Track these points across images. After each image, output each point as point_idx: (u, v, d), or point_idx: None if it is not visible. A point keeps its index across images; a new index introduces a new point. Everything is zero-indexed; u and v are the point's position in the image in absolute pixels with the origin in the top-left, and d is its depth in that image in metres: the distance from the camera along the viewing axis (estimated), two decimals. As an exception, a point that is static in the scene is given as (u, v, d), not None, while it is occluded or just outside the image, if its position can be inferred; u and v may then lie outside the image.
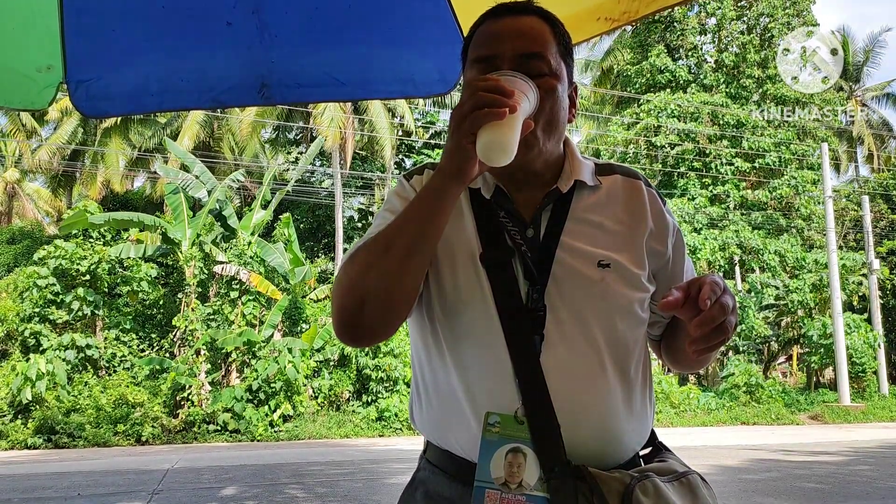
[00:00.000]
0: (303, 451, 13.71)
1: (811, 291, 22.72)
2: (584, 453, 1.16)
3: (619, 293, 1.22)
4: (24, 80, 2.00)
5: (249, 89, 2.02)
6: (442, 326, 1.24)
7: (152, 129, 27.05)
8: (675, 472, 1.20)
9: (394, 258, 1.14)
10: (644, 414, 1.27)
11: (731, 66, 25.07)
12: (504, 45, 1.22)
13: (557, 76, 1.23)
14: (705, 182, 24.07)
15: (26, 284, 17.36)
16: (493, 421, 1.16)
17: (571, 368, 1.18)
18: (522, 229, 1.24)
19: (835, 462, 11.20)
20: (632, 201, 1.29)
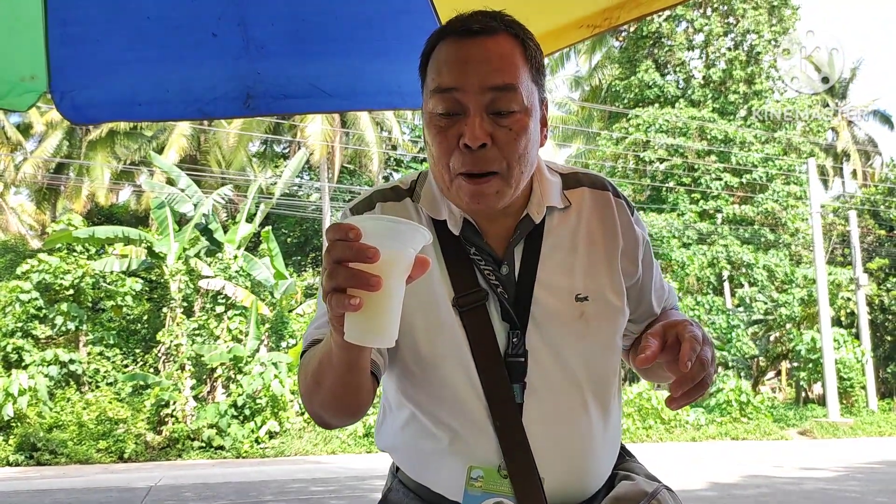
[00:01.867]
0: (288, 467, 13.56)
1: (799, 306, 22.83)
2: (565, 494, 1.16)
3: (599, 328, 1.17)
4: (5, 87, 1.97)
5: (235, 101, 1.98)
6: (417, 379, 1.18)
7: (138, 142, 26.91)
8: (646, 495, 1.17)
9: (327, 394, 1.09)
10: (619, 433, 1.27)
11: (719, 81, 25.29)
12: (469, 77, 1.08)
13: (529, 110, 1.11)
14: (694, 197, 24.19)
15: (9, 299, 17.15)
16: (475, 475, 1.14)
17: (554, 415, 1.15)
18: (496, 267, 1.16)
19: (824, 478, 11.18)
20: (602, 218, 1.22)
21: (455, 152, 1.10)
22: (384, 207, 1.22)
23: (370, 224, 0.87)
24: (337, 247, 0.86)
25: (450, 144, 1.10)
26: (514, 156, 1.10)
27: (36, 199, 28.84)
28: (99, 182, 26.75)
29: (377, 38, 2.03)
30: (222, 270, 17.50)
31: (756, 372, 25.58)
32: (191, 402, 16.56)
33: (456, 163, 1.10)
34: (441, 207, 1.19)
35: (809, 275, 22.99)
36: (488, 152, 1.08)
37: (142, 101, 1.98)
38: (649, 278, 1.28)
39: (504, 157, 1.09)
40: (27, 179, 26.51)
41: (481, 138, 1.07)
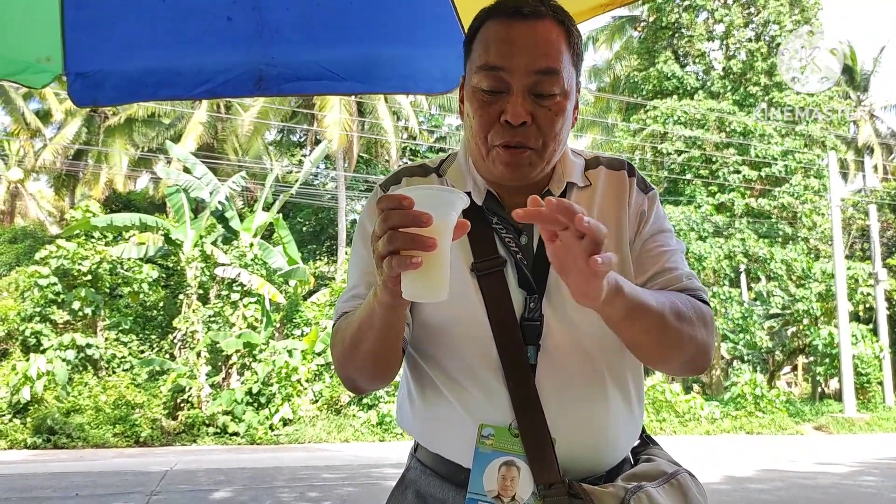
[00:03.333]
0: (301, 454, 13.65)
1: (817, 301, 22.63)
2: (579, 462, 1.17)
3: None
4: (22, 67, 1.98)
5: (246, 82, 1.98)
6: (433, 339, 1.22)
7: (156, 129, 27.07)
8: (665, 474, 1.19)
9: (365, 357, 1.15)
10: (638, 415, 1.28)
11: (739, 73, 25.01)
12: (516, 59, 1.14)
13: (567, 94, 1.18)
14: (711, 190, 23.99)
15: (28, 284, 17.34)
16: (486, 433, 1.15)
17: (567, 379, 1.17)
18: (516, 236, 1.22)
19: (840, 473, 11.11)
20: (616, 195, 1.27)
21: (495, 126, 1.16)
22: (410, 182, 1.29)
23: (418, 193, 0.95)
24: (393, 215, 0.92)
25: (491, 119, 1.17)
26: (550, 134, 1.17)
27: (55, 185, 29.11)
28: (117, 169, 26.95)
29: (391, 23, 2.02)
30: (238, 258, 17.58)
31: (772, 366, 25.41)
32: (206, 389, 16.70)
33: (495, 136, 1.17)
34: (466, 180, 1.27)
35: (828, 269, 22.77)
36: (527, 130, 1.16)
37: (153, 83, 1.99)
38: (657, 255, 1.25)
39: (541, 135, 1.17)
40: (46, 166, 26.75)
41: (523, 116, 1.14)
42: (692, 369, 1.23)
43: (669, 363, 1.22)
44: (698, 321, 1.17)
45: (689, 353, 1.17)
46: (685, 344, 1.16)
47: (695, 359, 1.19)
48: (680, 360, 1.20)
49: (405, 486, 1.30)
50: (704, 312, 1.19)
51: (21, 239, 25.37)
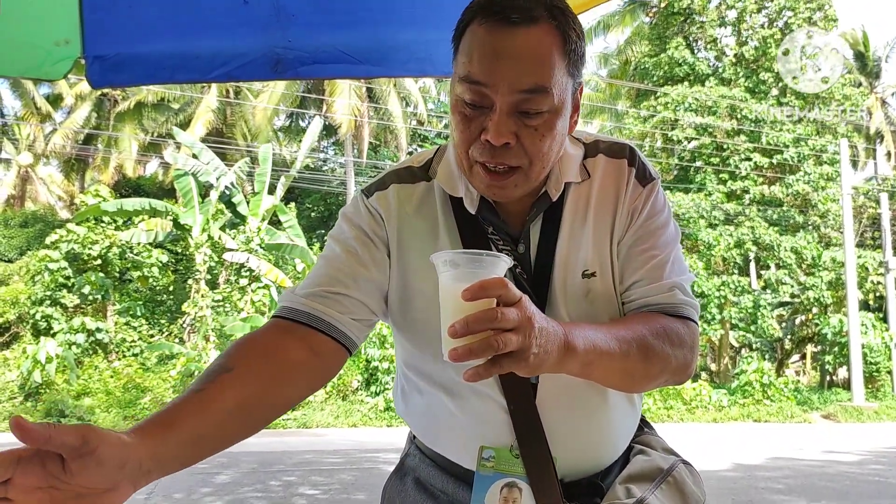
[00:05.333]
0: (309, 439, 13.74)
1: (827, 289, 22.54)
2: (579, 470, 1.17)
3: (603, 305, 1.16)
4: (40, 52, 1.98)
5: (263, 66, 1.97)
6: (431, 357, 1.17)
7: (165, 114, 27.09)
8: (662, 471, 1.18)
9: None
10: (638, 407, 1.26)
11: (751, 59, 24.79)
12: (500, 75, 1.01)
13: (559, 110, 1.06)
14: (722, 177, 23.87)
15: (38, 268, 17.45)
16: (487, 455, 1.14)
17: (569, 395, 1.14)
18: (513, 246, 1.15)
19: (847, 461, 11.10)
20: (613, 187, 1.18)
21: (477, 143, 1.06)
22: (398, 190, 1.20)
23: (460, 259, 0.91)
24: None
25: (472, 135, 1.06)
26: (536, 154, 1.06)
27: (65, 170, 29.19)
28: (127, 154, 27.00)
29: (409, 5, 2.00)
30: (245, 243, 17.63)
31: (780, 354, 25.36)
32: (215, 373, 16.78)
33: (476, 153, 1.07)
34: (458, 185, 1.18)
35: (838, 258, 22.66)
36: (511, 150, 1.05)
37: (170, 66, 1.98)
38: (647, 253, 1.17)
39: (526, 154, 1.06)
40: (56, 150, 26.83)
41: (505, 137, 1.03)
42: (668, 385, 1.18)
43: (640, 390, 1.19)
44: (673, 346, 1.10)
45: (663, 379, 1.13)
46: (655, 375, 1.11)
47: (668, 380, 1.15)
48: (651, 387, 1.15)
49: (404, 472, 1.29)
50: (681, 333, 1.12)
51: (31, 223, 25.49)
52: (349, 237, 1.19)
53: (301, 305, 1.13)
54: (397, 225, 1.19)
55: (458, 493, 1.18)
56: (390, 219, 1.19)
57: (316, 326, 1.11)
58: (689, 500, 1.18)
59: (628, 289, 1.17)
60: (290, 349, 1.09)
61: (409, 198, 1.20)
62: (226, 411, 0.99)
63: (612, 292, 1.17)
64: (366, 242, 1.18)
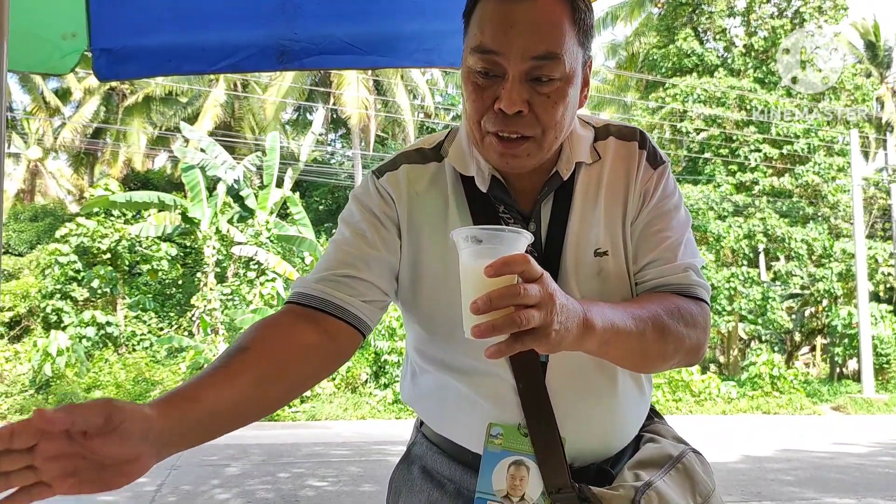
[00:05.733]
0: (318, 431, 13.79)
1: (838, 281, 22.43)
2: (588, 452, 1.16)
3: (615, 284, 1.16)
4: (48, 45, 1.99)
5: (269, 57, 1.97)
6: (440, 335, 1.17)
7: (173, 108, 27.15)
8: (671, 458, 1.18)
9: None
10: (647, 397, 1.26)
11: (761, 50, 24.61)
12: (512, 43, 1.03)
13: (570, 78, 1.07)
14: (731, 169, 23.75)
15: (48, 262, 17.55)
16: (495, 433, 1.14)
17: (578, 375, 1.15)
18: (524, 225, 1.16)
19: (857, 453, 11.08)
20: (624, 169, 1.19)
21: (489, 113, 1.08)
22: (409, 170, 1.22)
23: (483, 235, 0.91)
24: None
25: (485, 104, 1.08)
26: (549, 123, 1.08)
27: (74, 164, 29.31)
28: (135, 147, 27.09)
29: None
30: (254, 236, 17.67)
31: (790, 346, 25.28)
32: (224, 366, 16.84)
33: (488, 123, 1.08)
34: (469, 164, 1.19)
35: (848, 249, 22.54)
36: (523, 118, 1.07)
37: (176, 57, 1.98)
38: (660, 234, 1.18)
39: (539, 123, 1.07)
40: (65, 144, 26.93)
41: (518, 105, 1.05)
42: (681, 366, 1.20)
43: (653, 370, 1.19)
44: (687, 327, 1.11)
45: (676, 359, 1.14)
46: (670, 354, 1.12)
47: (681, 361, 1.15)
48: (665, 367, 1.16)
49: (411, 460, 1.28)
50: (695, 314, 1.13)
51: (41, 217, 25.62)
52: (359, 219, 1.20)
53: (313, 290, 1.14)
54: (407, 205, 1.20)
55: (465, 480, 1.18)
56: (400, 199, 1.20)
57: (328, 311, 1.12)
58: (698, 487, 1.17)
59: (642, 269, 1.18)
60: (304, 332, 1.10)
61: (420, 178, 1.21)
62: (243, 389, 1.01)
63: (625, 271, 1.17)
64: (375, 224, 1.19)
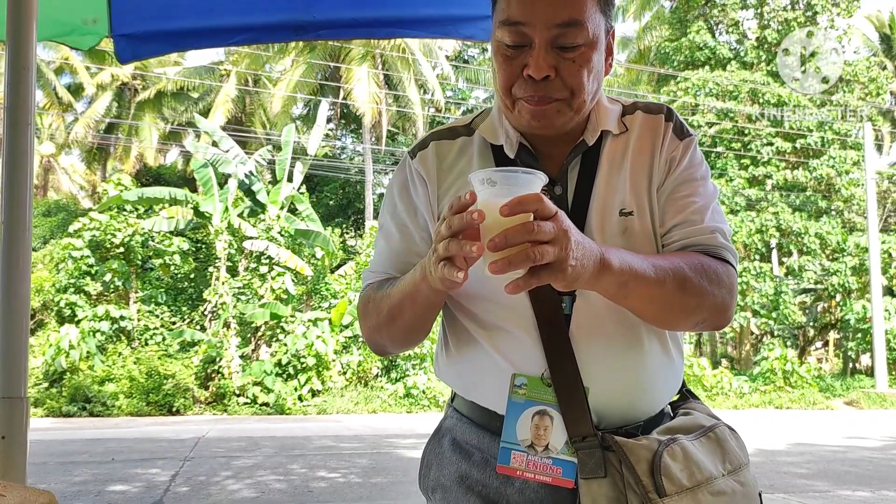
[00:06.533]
0: (329, 424, 13.83)
1: (851, 275, 22.28)
2: (614, 410, 1.17)
3: (640, 243, 1.18)
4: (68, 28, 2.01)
5: (287, 30, 1.99)
6: (467, 290, 1.20)
7: (185, 103, 27.23)
8: (702, 427, 1.19)
9: (399, 328, 1.21)
10: (677, 366, 1.26)
11: (774, 43, 24.43)
12: (537, 12, 1.11)
13: (594, 43, 1.14)
14: (744, 163, 23.61)
15: (62, 256, 17.66)
16: (519, 383, 1.16)
17: (601, 328, 1.17)
18: (550, 187, 1.19)
19: (870, 447, 11.02)
20: (651, 139, 1.23)
21: (519, 80, 1.15)
22: (437, 146, 1.28)
23: (498, 175, 0.95)
24: (455, 220, 0.93)
25: (514, 73, 1.15)
26: (577, 86, 1.14)
27: (86, 159, 29.47)
28: (147, 143, 27.20)
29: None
30: (265, 231, 17.72)
31: (803, 341, 25.15)
32: (236, 360, 16.93)
33: (519, 90, 1.15)
34: (499, 132, 1.24)
35: (862, 243, 22.39)
36: (552, 83, 1.13)
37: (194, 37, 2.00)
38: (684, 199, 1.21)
39: (567, 86, 1.14)
40: (78, 140, 27.07)
41: (545, 70, 1.12)
42: (705, 328, 1.22)
43: (678, 326, 1.20)
44: (711, 283, 1.14)
45: (700, 316, 1.16)
46: (692, 309, 1.14)
47: (707, 320, 1.17)
48: (689, 323, 1.18)
49: (441, 434, 1.31)
50: (720, 272, 1.16)
51: (54, 212, 25.78)
52: (400, 210, 1.28)
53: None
54: (437, 181, 1.26)
55: (492, 449, 1.19)
56: (430, 177, 1.26)
57: None
58: (729, 456, 1.17)
59: (669, 231, 1.20)
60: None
61: (448, 152, 1.28)
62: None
63: (650, 232, 1.19)
64: (415, 212, 1.27)
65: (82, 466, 8.31)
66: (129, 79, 27.30)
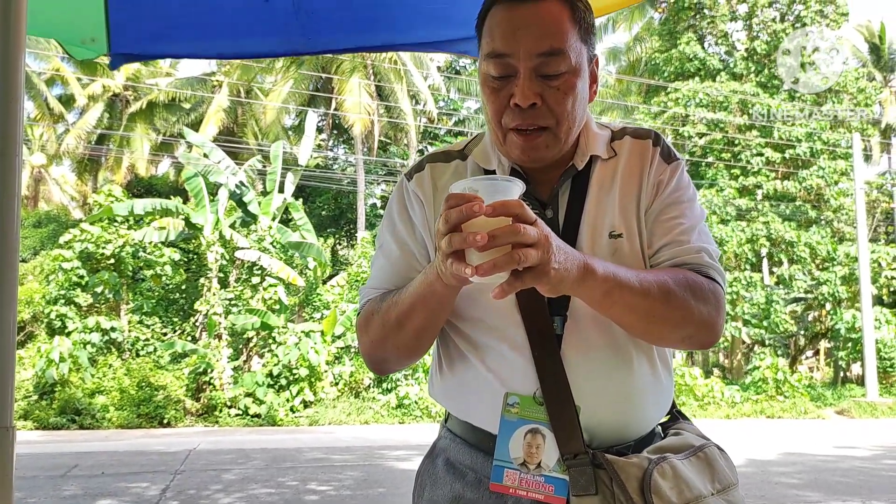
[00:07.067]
0: (321, 436, 13.79)
1: (841, 284, 22.40)
2: (605, 429, 1.19)
3: (630, 264, 1.20)
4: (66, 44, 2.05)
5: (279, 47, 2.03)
6: (461, 310, 1.25)
7: (176, 114, 27.20)
8: (692, 447, 1.21)
9: (407, 335, 1.21)
10: (667, 386, 1.28)
11: (763, 54, 24.63)
12: (520, 43, 1.16)
13: (577, 70, 1.19)
14: (734, 173, 23.75)
15: (52, 268, 17.57)
16: (512, 401, 1.18)
17: (592, 348, 1.19)
18: (542, 210, 1.23)
19: (861, 457, 11.06)
20: (638, 164, 1.26)
21: (507, 110, 1.19)
22: (432, 168, 1.32)
23: (478, 184, 0.99)
24: (452, 214, 0.96)
25: (502, 104, 1.19)
26: (562, 113, 1.18)
27: (77, 170, 29.37)
28: (139, 154, 27.14)
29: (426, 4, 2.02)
30: (257, 242, 17.69)
31: (794, 351, 25.24)
32: (228, 371, 16.87)
33: (508, 120, 1.20)
34: (491, 158, 1.30)
35: (852, 252, 22.52)
36: (538, 111, 1.18)
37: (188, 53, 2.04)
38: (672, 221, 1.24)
39: (553, 114, 1.18)
40: (69, 151, 26.99)
41: (531, 98, 1.16)
42: (693, 345, 1.23)
43: (664, 340, 1.22)
44: (696, 298, 1.16)
45: (686, 331, 1.18)
46: (677, 322, 1.16)
47: (694, 336, 1.19)
48: (676, 337, 1.20)
49: (435, 454, 1.33)
50: (705, 288, 1.18)
51: (45, 223, 25.68)
52: (400, 230, 1.31)
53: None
54: (433, 201, 1.30)
55: (485, 469, 1.21)
56: (427, 198, 1.30)
57: None
58: (718, 476, 1.19)
59: (657, 252, 1.24)
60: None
61: (443, 174, 1.32)
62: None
63: (639, 254, 1.23)
64: (413, 230, 1.30)
65: (72, 480, 8.26)
66: (121, 90, 27.27)
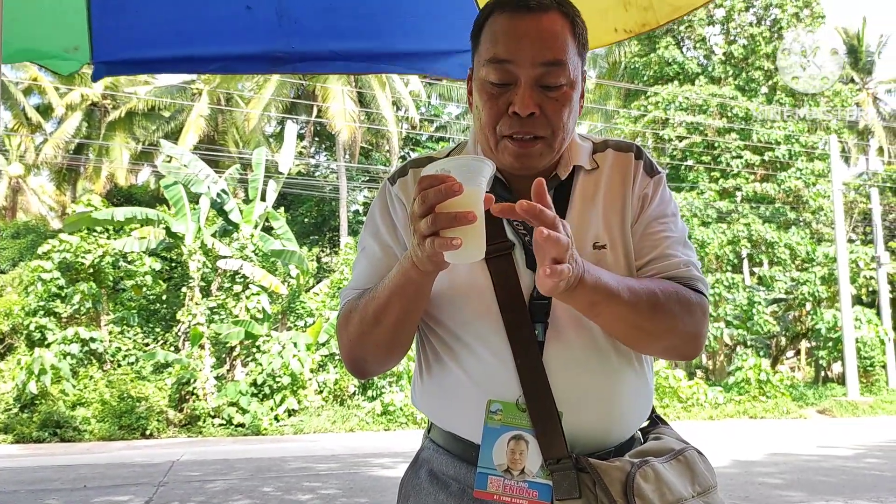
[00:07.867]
0: (306, 444, 13.72)
1: (821, 284, 22.63)
2: (587, 435, 1.20)
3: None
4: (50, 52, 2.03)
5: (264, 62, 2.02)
6: (442, 318, 1.26)
7: (156, 122, 27.02)
8: (673, 451, 1.23)
9: (385, 330, 1.21)
10: (647, 391, 1.31)
11: (741, 57, 24.90)
12: (523, 52, 1.17)
13: (574, 83, 1.21)
14: (714, 176, 23.95)
15: (31, 279, 17.36)
16: (494, 409, 1.19)
17: (574, 355, 1.20)
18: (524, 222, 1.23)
19: (843, 456, 11.17)
20: (622, 177, 1.29)
21: (504, 118, 1.20)
22: (415, 173, 1.32)
23: (449, 164, 1.01)
24: (430, 193, 0.98)
25: (499, 111, 1.20)
26: (558, 124, 1.20)
27: (56, 180, 29.09)
28: (118, 163, 26.92)
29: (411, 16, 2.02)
30: (239, 250, 17.57)
31: (775, 351, 25.44)
32: (211, 381, 16.73)
33: (504, 127, 1.20)
34: None
35: (831, 253, 22.77)
36: (536, 120, 1.19)
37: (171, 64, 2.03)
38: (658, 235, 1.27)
39: (550, 125, 1.20)
40: (47, 161, 26.71)
41: (531, 108, 1.17)
42: (678, 356, 1.27)
43: (647, 349, 1.25)
44: (682, 310, 1.19)
45: (670, 341, 1.21)
46: (662, 332, 1.19)
47: (677, 347, 1.23)
48: (659, 347, 1.23)
49: (419, 465, 1.33)
50: (692, 301, 1.21)
51: (23, 234, 25.36)
52: (383, 232, 1.32)
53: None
54: None
55: (468, 479, 1.22)
56: (409, 201, 1.28)
57: None
58: (698, 478, 1.22)
59: (645, 265, 1.26)
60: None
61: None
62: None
63: (623, 265, 1.25)
64: (395, 234, 1.31)
65: (53, 494, 8.15)
66: (100, 99, 27.04)
